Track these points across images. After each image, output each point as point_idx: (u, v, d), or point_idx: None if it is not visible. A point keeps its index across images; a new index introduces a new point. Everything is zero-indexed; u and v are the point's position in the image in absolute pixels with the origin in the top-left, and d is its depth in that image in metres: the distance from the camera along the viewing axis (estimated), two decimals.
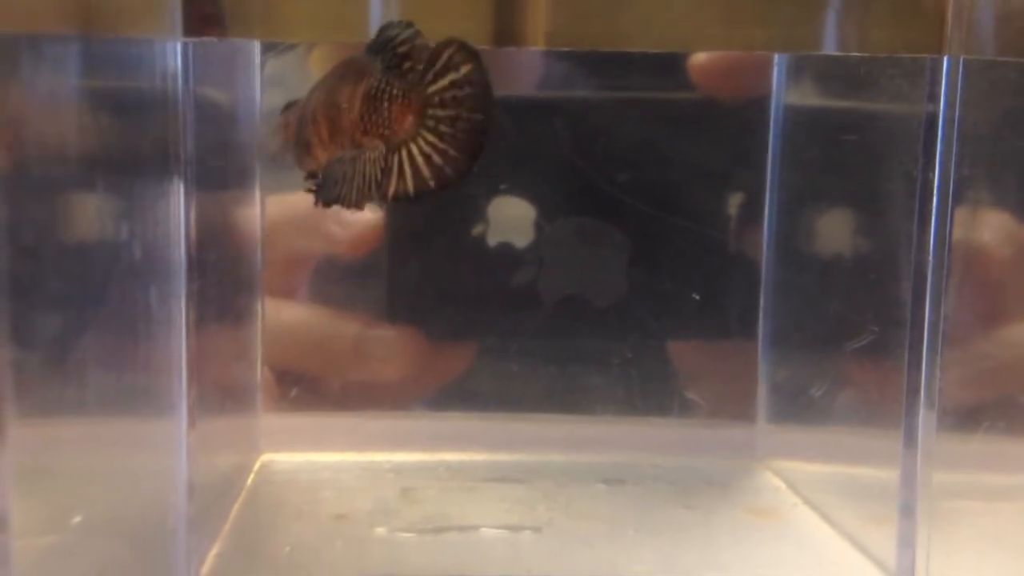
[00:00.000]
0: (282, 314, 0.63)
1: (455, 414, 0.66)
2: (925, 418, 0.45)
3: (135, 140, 0.39)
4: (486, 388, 0.66)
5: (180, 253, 0.43)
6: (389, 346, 0.63)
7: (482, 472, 0.63)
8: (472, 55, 0.39)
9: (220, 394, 0.54)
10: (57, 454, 0.31)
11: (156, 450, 0.42)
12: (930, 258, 0.44)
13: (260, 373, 0.63)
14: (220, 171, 0.53)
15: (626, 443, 0.66)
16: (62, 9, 0.32)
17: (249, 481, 0.60)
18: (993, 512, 0.51)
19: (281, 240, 0.62)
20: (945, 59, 0.42)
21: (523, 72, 0.63)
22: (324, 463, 0.64)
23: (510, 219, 0.64)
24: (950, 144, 0.43)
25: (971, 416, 0.48)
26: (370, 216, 0.62)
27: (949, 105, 0.42)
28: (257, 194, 0.61)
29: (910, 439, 0.46)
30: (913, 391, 0.46)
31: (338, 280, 0.64)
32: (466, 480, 0.62)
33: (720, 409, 0.66)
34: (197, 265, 0.45)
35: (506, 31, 0.56)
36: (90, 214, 0.36)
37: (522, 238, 0.64)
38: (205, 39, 0.41)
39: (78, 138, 0.33)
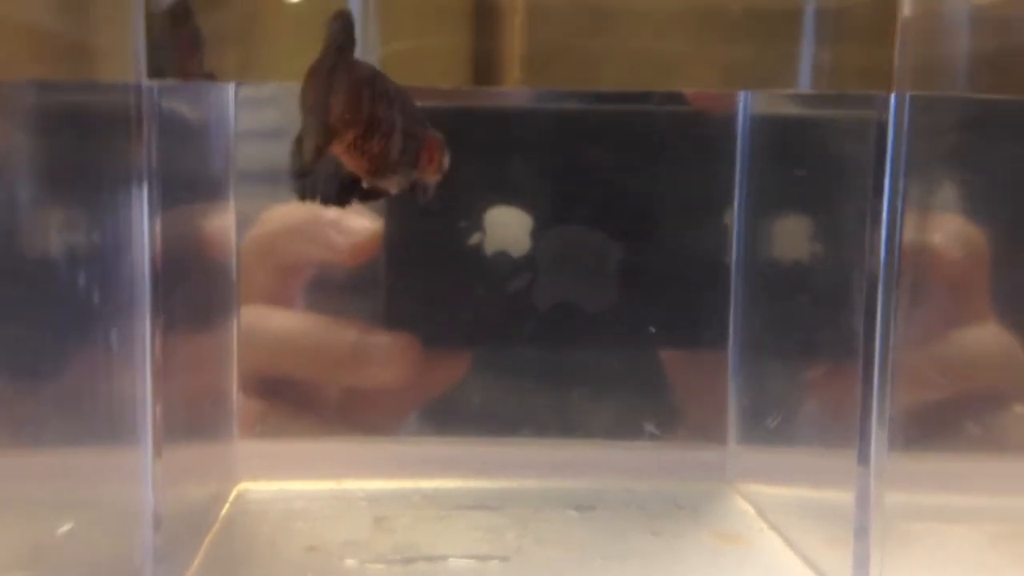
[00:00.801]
0: (278, 321, 0.63)
1: (431, 439, 0.67)
2: (877, 436, 0.46)
3: (95, 157, 0.40)
4: (464, 412, 0.67)
5: (144, 272, 0.43)
6: (386, 354, 0.63)
7: (456, 499, 0.64)
8: None
9: (191, 421, 0.55)
10: (12, 486, 0.32)
11: (119, 481, 0.42)
12: (880, 273, 0.45)
13: (236, 399, 0.64)
14: (189, 185, 0.54)
15: (600, 467, 0.67)
16: (33, 57, 0.33)
17: (224, 511, 0.61)
18: (947, 533, 0.52)
19: (280, 249, 0.63)
20: (892, 96, 0.44)
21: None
22: (299, 492, 0.64)
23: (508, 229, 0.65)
24: (897, 178, 0.44)
25: (924, 434, 0.49)
26: (370, 224, 0.63)
27: (896, 139, 0.44)
28: (232, 209, 0.62)
29: (863, 458, 0.47)
30: (866, 409, 0.47)
31: (336, 288, 0.64)
32: (440, 508, 0.63)
33: (682, 434, 0.67)
34: (163, 285, 0.45)
35: (483, 72, 0.58)
36: (46, 235, 0.36)
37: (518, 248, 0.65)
38: (167, 82, 0.42)
39: (31, 155, 0.33)
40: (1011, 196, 0.47)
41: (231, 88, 0.60)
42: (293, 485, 0.65)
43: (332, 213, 0.62)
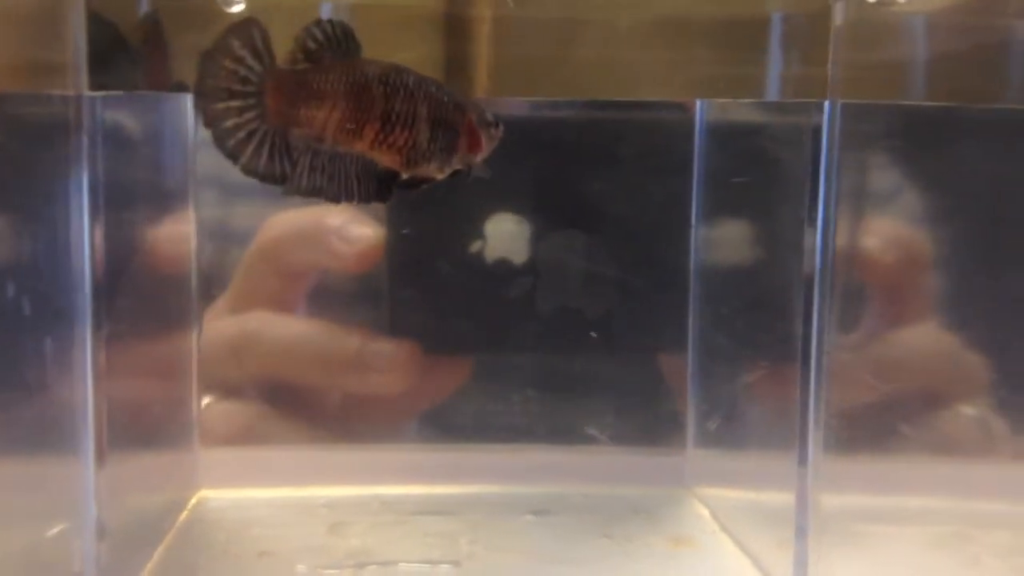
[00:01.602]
0: (282, 327, 0.64)
1: (393, 445, 0.67)
2: (813, 438, 0.47)
3: (29, 168, 0.40)
4: (425, 419, 0.67)
5: (84, 278, 0.43)
6: (388, 360, 0.64)
7: (414, 505, 0.64)
8: None
9: (142, 430, 0.55)
10: None
11: (57, 491, 0.42)
12: (816, 276, 0.46)
13: (196, 406, 0.64)
14: (139, 194, 0.54)
15: (559, 472, 0.67)
16: None
17: (180, 519, 0.61)
18: (892, 535, 0.52)
19: (284, 256, 0.63)
20: (827, 103, 0.44)
21: None
22: (259, 499, 0.65)
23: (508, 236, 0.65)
24: (831, 184, 0.45)
25: (865, 437, 0.49)
26: (373, 232, 0.63)
27: (830, 146, 0.44)
28: (191, 216, 0.62)
29: (803, 460, 0.48)
30: (804, 411, 0.48)
31: (339, 295, 0.65)
32: (397, 514, 0.63)
33: (641, 439, 0.68)
34: (107, 293, 0.45)
35: (453, 81, 0.58)
36: None
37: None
38: (111, 93, 0.42)
39: None
40: (946, 200, 0.48)
41: (189, 98, 0.61)
42: (254, 492, 0.65)
43: (335, 220, 0.62)
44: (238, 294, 0.64)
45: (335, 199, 0.44)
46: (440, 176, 0.46)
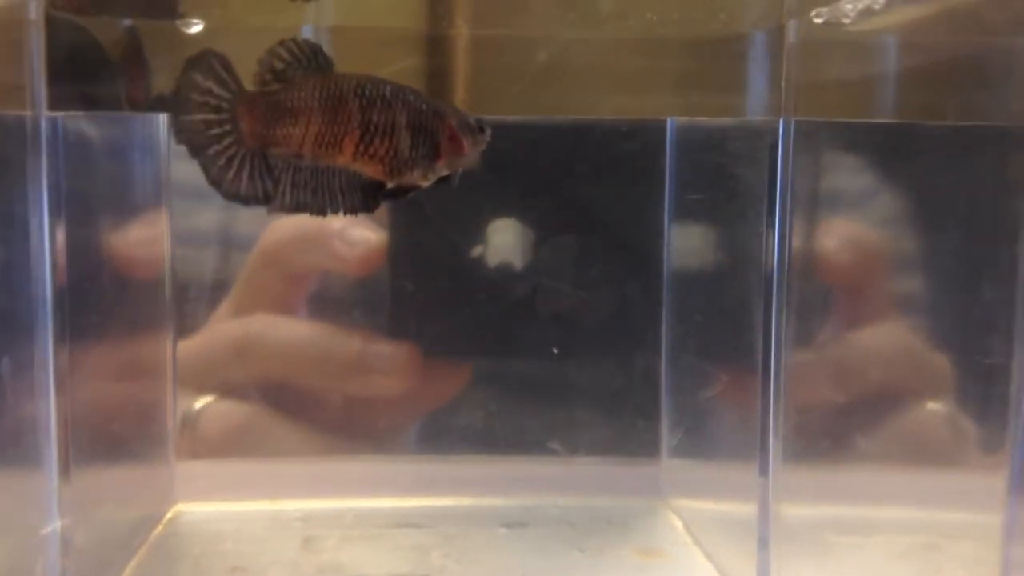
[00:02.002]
0: (284, 330, 0.64)
1: (368, 458, 0.68)
2: (773, 447, 0.47)
3: None
4: (403, 431, 0.67)
5: (45, 287, 0.43)
6: (389, 363, 0.64)
7: (388, 518, 0.65)
8: None
9: (112, 443, 0.55)
10: None
11: (17, 506, 0.43)
12: (773, 286, 0.46)
13: (173, 419, 0.64)
14: (106, 206, 0.54)
15: (535, 484, 0.67)
16: None
17: (154, 533, 0.61)
18: (860, 545, 0.52)
19: (286, 259, 0.64)
20: (781, 122, 0.45)
21: None
22: (235, 513, 0.65)
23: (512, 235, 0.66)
24: (786, 193, 0.45)
25: (830, 446, 0.50)
26: (374, 236, 0.64)
27: (784, 162, 0.45)
28: (165, 225, 0.63)
29: (764, 469, 0.48)
30: (765, 419, 0.48)
31: (341, 298, 0.65)
32: (370, 527, 0.63)
33: (616, 449, 0.68)
34: (70, 300, 0.45)
35: (434, 96, 0.59)
36: None
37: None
38: (71, 113, 0.43)
39: None
40: (902, 212, 0.48)
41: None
42: (230, 506, 0.65)
43: (337, 224, 0.63)
44: (241, 297, 0.65)
45: (320, 212, 0.44)
46: (425, 183, 0.46)
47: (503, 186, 0.66)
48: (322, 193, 0.44)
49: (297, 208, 0.44)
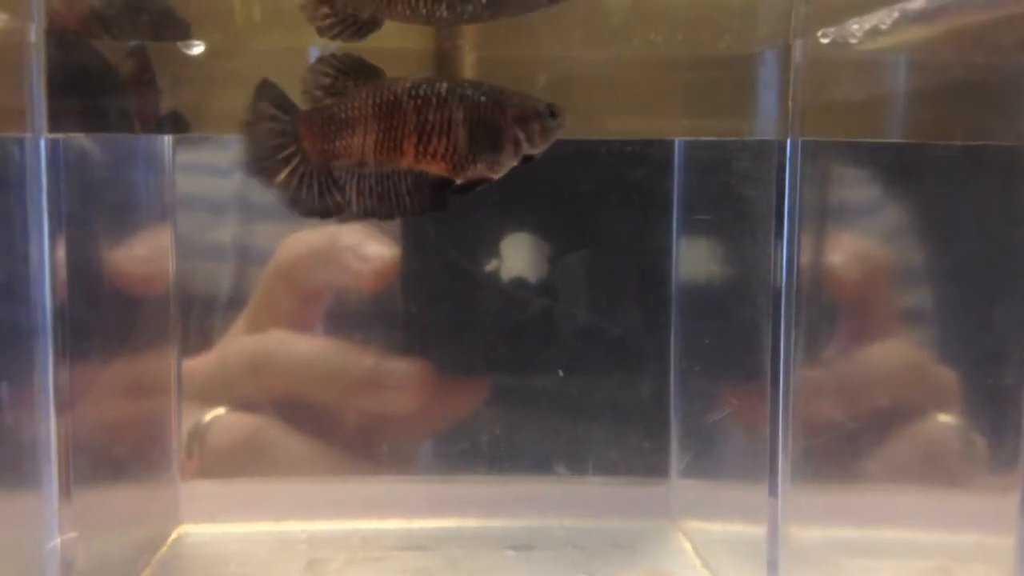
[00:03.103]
0: (297, 346, 0.64)
1: (375, 478, 0.67)
2: (782, 467, 0.46)
3: None
4: (411, 450, 0.67)
5: (45, 303, 0.43)
6: (402, 380, 0.64)
7: (395, 540, 0.64)
8: None
9: (115, 463, 0.55)
10: None
11: (16, 527, 0.42)
12: (782, 306, 0.46)
13: (177, 438, 0.64)
14: (108, 223, 0.54)
15: (543, 506, 0.67)
16: None
17: (158, 555, 0.61)
18: (872, 569, 0.52)
19: (300, 275, 0.64)
20: (788, 142, 0.45)
21: None
22: (240, 534, 0.65)
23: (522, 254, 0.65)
24: (794, 213, 0.45)
25: (839, 466, 0.49)
26: (389, 251, 0.64)
27: (792, 183, 0.45)
28: (170, 240, 0.62)
29: (773, 490, 0.47)
30: (774, 439, 0.47)
31: (354, 314, 0.65)
32: (377, 549, 0.63)
33: (626, 470, 0.67)
34: (71, 318, 0.45)
35: None
36: None
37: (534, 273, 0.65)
38: (70, 135, 0.43)
39: None
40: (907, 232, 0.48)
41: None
42: (235, 527, 0.65)
43: (351, 240, 0.63)
44: (256, 313, 0.64)
45: (389, 216, 0.45)
46: (495, 175, 0.46)
47: (509, 207, 0.65)
48: (389, 198, 0.45)
49: (366, 215, 0.45)
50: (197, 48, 0.45)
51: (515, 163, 0.46)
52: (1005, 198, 0.43)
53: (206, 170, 0.66)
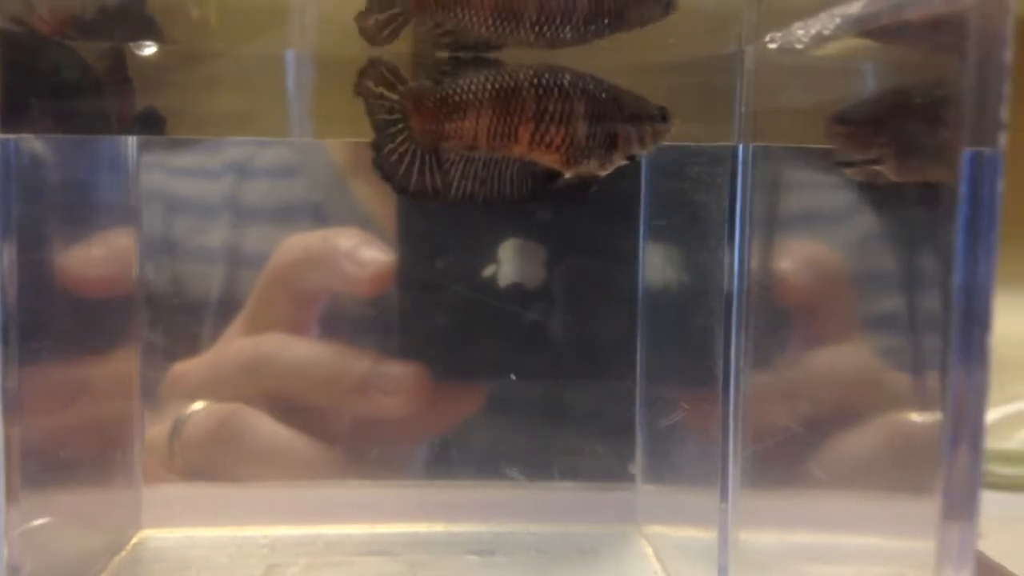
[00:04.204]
0: (293, 350, 0.64)
1: (338, 483, 0.67)
2: (733, 471, 0.46)
3: None
4: (377, 455, 0.67)
5: None
6: (397, 384, 0.64)
7: (357, 545, 0.64)
8: None
9: (70, 466, 0.54)
10: None
11: None
12: (734, 310, 0.46)
13: (140, 443, 0.64)
14: (65, 223, 0.54)
15: (509, 511, 0.67)
16: None
17: (115, 561, 0.61)
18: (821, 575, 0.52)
19: (296, 279, 0.63)
20: (740, 147, 0.45)
21: None
22: (201, 539, 0.64)
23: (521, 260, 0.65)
24: (745, 218, 0.45)
25: (791, 473, 0.49)
26: (384, 256, 0.63)
27: (744, 189, 0.45)
28: (134, 240, 0.62)
29: (724, 495, 0.47)
30: (725, 444, 0.47)
31: (350, 318, 0.65)
32: (338, 555, 0.63)
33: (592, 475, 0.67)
34: (20, 322, 0.45)
35: None
36: None
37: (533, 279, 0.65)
38: (23, 135, 0.43)
39: None
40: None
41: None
42: (198, 532, 0.65)
43: (347, 244, 0.63)
44: (252, 316, 0.64)
45: (488, 201, 0.45)
46: (602, 172, 0.46)
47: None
48: (491, 182, 0.45)
49: (464, 198, 0.45)
50: (149, 49, 0.45)
51: (623, 162, 0.46)
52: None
53: (179, 172, 0.66)
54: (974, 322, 0.30)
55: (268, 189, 0.66)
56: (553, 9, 0.43)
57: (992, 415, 0.96)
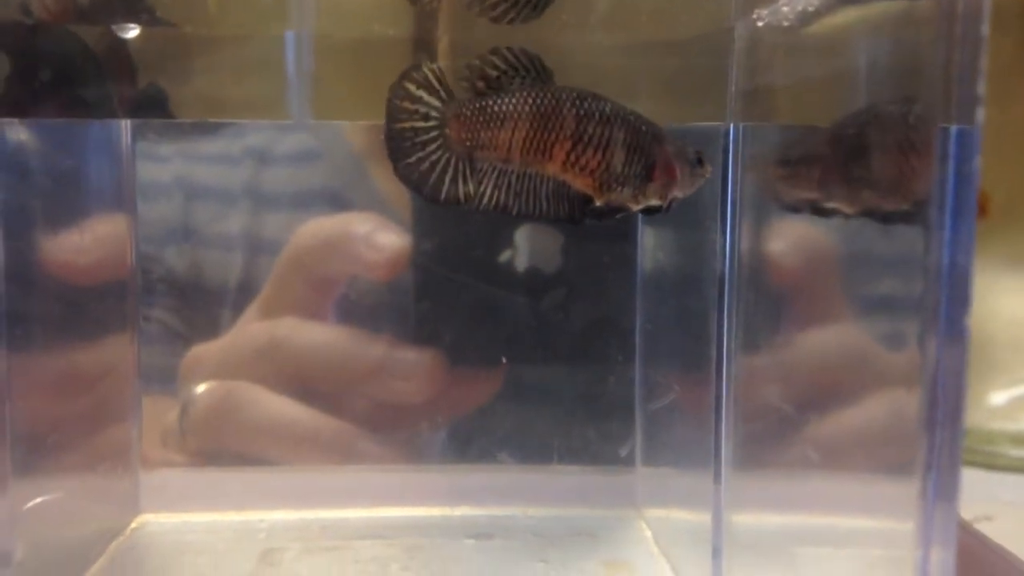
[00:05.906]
0: (309, 334, 0.64)
1: (336, 468, 0.67)
2: (726, 453, 0.46)
3: None
4: (377, 440, 0.67)
5: None
6: (412, 369, 0.64)
7: (354, 529, 0.64)
8: None
9: (65, 453, 0.54)
10: None
11: None
12: (726, 292, 0.46)
13: (137, 428, 0.64)
14: (52, 204, 0.54)
15: (509, 494, 0.67)
16: None
17: (113, 546, 0.61)
18: (825, 557, 0.51)
19: (312, 263, 0.64)
20: (730, 127, 0.44)
21: None
22: (199, 524, 0.64)
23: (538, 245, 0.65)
24: (736, 198, 0.45)
25: (785, 456, 0.48)
26: (400, 240, 0.64)
27: (735, 167, 0.44)
28: (128, 226, 0.62)
29: (717, 477, 0.47)
30: (718, 427, 0.47)
31: (366, 303, 0.65)
32: (334, 538, 0.63)
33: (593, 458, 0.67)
34: (8, 308, 0.45)
35: None
36: None
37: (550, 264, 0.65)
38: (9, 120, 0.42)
39: None
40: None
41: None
42: (196, 517, 0.65)
43: (363, 228, 0.63)
44: (268, 300, 0.65)
45: (522, 215, 0.45)
46: (635, 207, 0.46)
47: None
48: (526, 196, 0.45)
49: (497, 208, 0.45)
50: (132, 32, 0.45)
51: (656, 201, 0.46)
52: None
53: (181, 158, 0.65)
54: (954, 300, 0.30)
55: (285, 175, 0.66)
56: None
57: (1003, 397, 0.96)
